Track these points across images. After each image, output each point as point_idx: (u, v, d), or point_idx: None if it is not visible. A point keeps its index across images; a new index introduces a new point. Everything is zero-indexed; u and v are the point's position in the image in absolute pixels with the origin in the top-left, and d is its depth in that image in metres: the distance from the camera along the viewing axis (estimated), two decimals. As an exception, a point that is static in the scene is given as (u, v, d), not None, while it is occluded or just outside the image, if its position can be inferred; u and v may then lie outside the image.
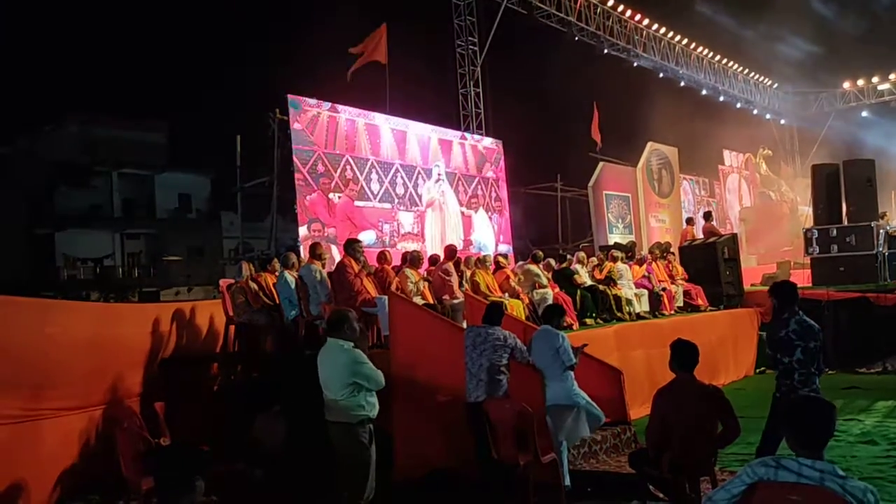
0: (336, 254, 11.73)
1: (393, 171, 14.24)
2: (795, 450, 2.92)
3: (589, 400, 6.58)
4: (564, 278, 11.15)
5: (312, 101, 13.10)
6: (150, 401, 7.96)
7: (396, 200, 14.21)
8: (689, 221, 15.72)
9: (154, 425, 7.47)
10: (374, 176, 13.80)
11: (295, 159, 12.53)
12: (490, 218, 16.53)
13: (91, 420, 7.63)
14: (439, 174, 15.24)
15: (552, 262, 11.95)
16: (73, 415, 7.36)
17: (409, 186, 14.52)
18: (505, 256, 12.37)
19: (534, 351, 6.63)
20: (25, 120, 36.73)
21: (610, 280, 11.57)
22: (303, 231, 12.40)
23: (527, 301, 10.17)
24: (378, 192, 13.87)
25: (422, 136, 15.16)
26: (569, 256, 12.40)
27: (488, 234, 16.29)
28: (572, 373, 6.48)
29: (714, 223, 16.02)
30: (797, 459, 2.87)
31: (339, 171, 13.17)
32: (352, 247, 8.71)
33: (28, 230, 34.36)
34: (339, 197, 13.12)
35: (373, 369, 5.34)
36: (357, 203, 13.44)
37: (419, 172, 14.84)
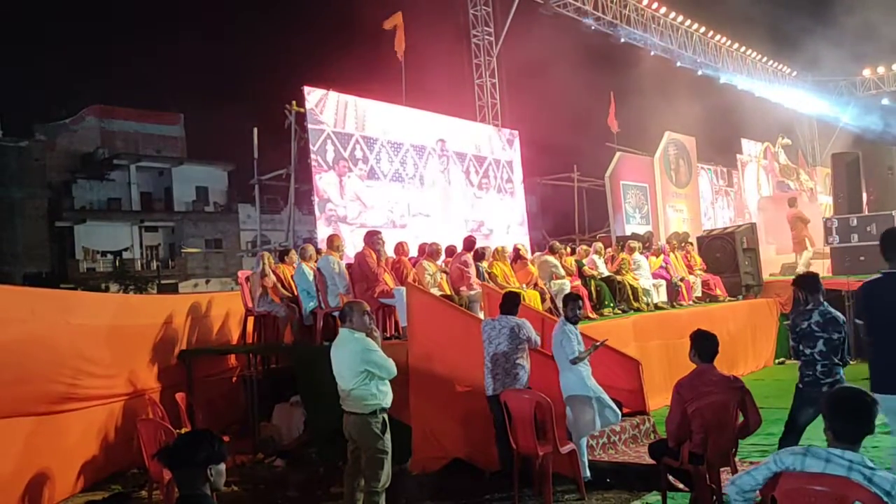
0: (346, 232, 11.72)
1: (403, 150, 14.12)
2: (832, 442, 2.89)
3: (603, 396, 6.54)
4: (576, 269, 11.10)
5: (324, 92, 13.02)
6: (171, 392, 8.05)
7: (406, 180, 14.10)
8: (793, 203, 15.31)
9: (175, 416, 7.56)
10: (383, 155, 13.67)
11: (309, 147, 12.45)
12: (501, 200, 16.39)
13: (113, 411, 7.73)
14: (443, 151, 14.96)
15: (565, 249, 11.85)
16: (96, 406, 7.45)
17: (419, 166, 14.40)
18: (522, 246, 12.29)
19: (552, 342, 6.62)
20: (45, 113, 37.09)
21: (621, 271, 11.47)
22: (319, 217, 12.25)
23: (549, 297, 10.12)
24: (388, 172, 13.70)
25: (432, 116, 14.97)
26: (576, 248, 12.32)
27: (500, 217, 16.18)
28: (586, 367, 6.45)
29: (799, 209, 15.81)
30: (827, 448, 2.84)
31: (348, 150, 12.97)
32: (372, 238, 8.69)
33: (49, 223, 34.78)
34: (349, 177, 12.92)
35: (384, 357, 5.33)
36: (367, 182, 13.23)
37: (429, 152, 14.68)
